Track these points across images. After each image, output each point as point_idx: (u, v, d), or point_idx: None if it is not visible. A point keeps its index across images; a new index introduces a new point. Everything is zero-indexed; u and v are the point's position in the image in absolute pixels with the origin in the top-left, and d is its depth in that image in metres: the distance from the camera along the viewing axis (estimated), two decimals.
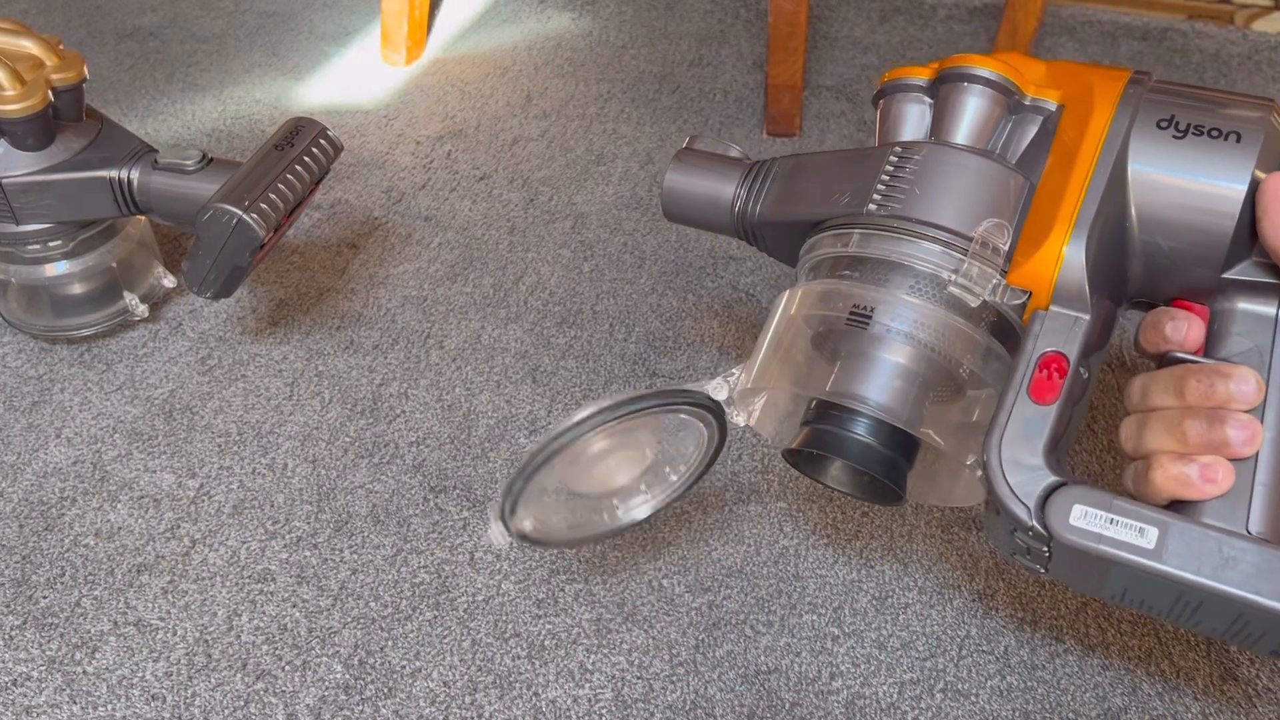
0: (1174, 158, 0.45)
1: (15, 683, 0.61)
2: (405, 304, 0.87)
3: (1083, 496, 0.41)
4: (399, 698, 0.61)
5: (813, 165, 0.55)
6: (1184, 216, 0.45)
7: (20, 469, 0.74)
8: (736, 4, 1.30)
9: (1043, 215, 0.46)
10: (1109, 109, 0.46)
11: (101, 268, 0.79)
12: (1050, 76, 0.51)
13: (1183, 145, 0.44)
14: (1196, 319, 0.45)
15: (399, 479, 0.73)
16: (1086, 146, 0.46)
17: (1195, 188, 0.45)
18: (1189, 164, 0.44)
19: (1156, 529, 0.40)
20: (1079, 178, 0.45)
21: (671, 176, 0.59)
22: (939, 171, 0.48)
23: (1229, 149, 0.44)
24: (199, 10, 1.30)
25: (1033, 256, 0.46)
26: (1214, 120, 0.45)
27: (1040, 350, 0.45)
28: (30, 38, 0.72)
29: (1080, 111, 0.47)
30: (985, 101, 0.50)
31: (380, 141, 1.07)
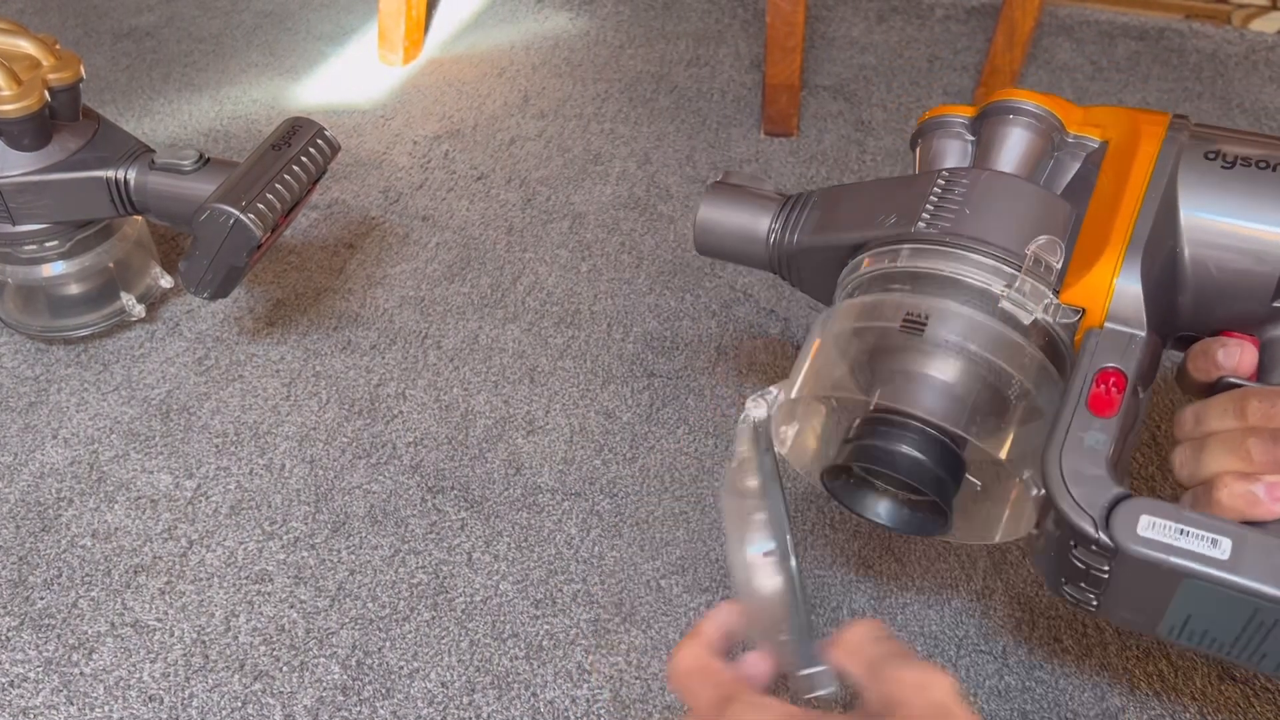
0: (1223, 188, 0.45)
1: (12, 684, 0.61)
2: (403, 304, 0.87)
3: (1150, 507, 0.40)
4: (397, 698, 0.61)
5: (854, 192, 0.55)
6: (1235, 244, 0.45)
7: (17, 470, 0.73)
8: (734, 4, 1.30)
9: (1093, 240, 0.46)
10: (1155, 142, 0.47)
11: (98, 268, 0.79)
12: (1089, 117, 0.52)
13: (1231, 175, 0.45)
14: (1249, 344, 0.46)
15: (396, 479, 0.73)
16: (1136, 175, 0.46)
17: (1245, 216, 0.45)
18: (1238, 193, 0.45)
19: (1231, 540, 0.38)
20: (1130, 203, 0.46)
21: (705, 210, 0.58)
22: (989, 193, 0.49)
23: (1277, 180, 0.45)
24: (196, 10, 1.30)
25: (1084, 277, 0.46)
26: (1260, 152, 0.45)
27: (1097, 365, 0.44)
28: (26, 37, 0.72)
29: (1125, 145, 0.48)
30: (1030, 134, 0.51)
31: (377, 141, 1.06)
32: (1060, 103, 0.52)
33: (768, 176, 1.02)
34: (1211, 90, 1.13)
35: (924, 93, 1.14)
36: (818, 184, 1.01)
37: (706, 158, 1.04)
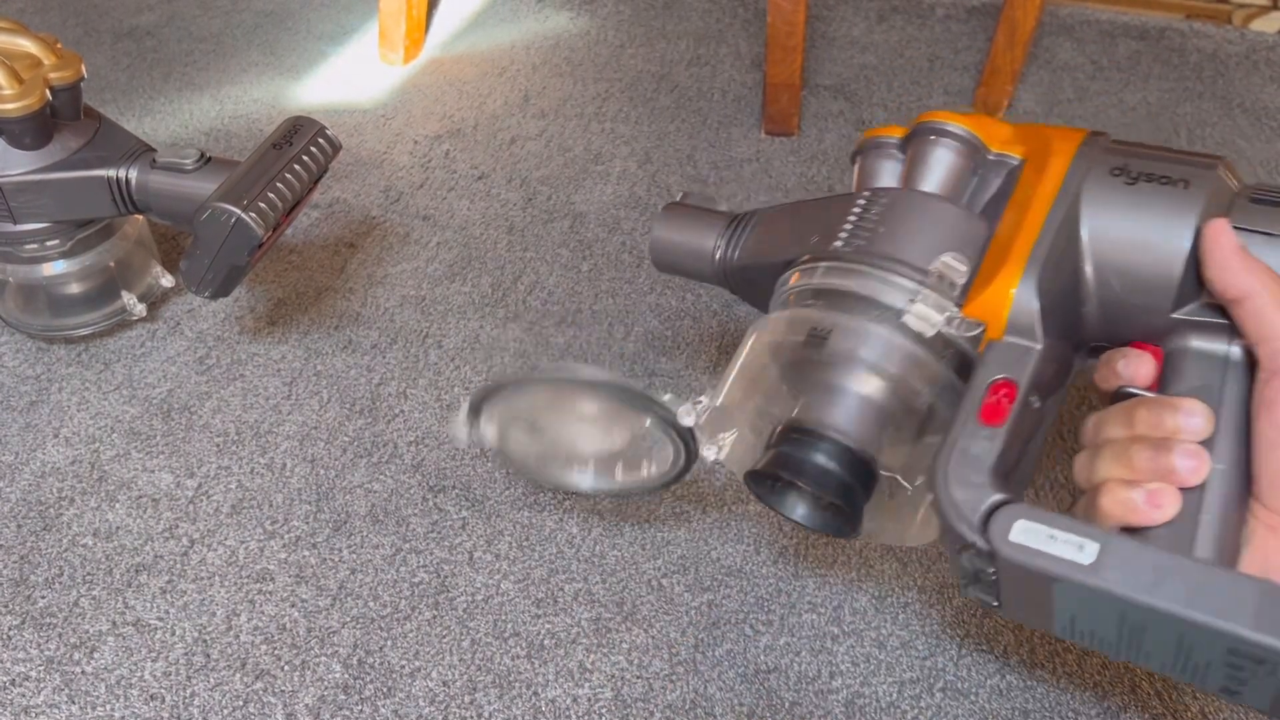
0: (1125, 203, 0.46)
1: (14, 682, 0.61)
2: (403, 303, 0.87)
3: (1025, 513, 0.41)
4: (398, 697, 0.61)
5: (790, 211, 0.57)
6: (1135, 258, 0.46)
7: (18, 469, 0.73)
8: (734, 3, 1.30)
9: (999, 255, 0.48)
10: (1066, 159, 0.48)
11: (99, 267, 0.79)
12: (1016, 135, 0.53)
13: (1134, 191, 0.46)
14: (1148, 356, 0.47)
15: (398, 478, 0.73)
16: (1043, 191, 0.48)
17: (1145, 230, 0.46)
18: (1139, 209, 0.46)
19: (1097, 544, 0.40)
20: (1035, 218, 0.47)
21: (658, 230, 0.62)
22: (903, 212, 0.51)
23: (1178, 194, 0.45)
24: (196, 9, 1.30)
25: (985, 291, 0.47)
26: (1165, 169, 0.46)
27: (991, 377, 0.46)
28: (28, 37, 0.72)
29: (1039, 162, 0.49)
30: (951, 154, 0.52)
31: (378, 141, 1.06)
32: (986, 122, 0.54)
33: (765, 175, 1.01)
34: (1212, 90, 1.13)
35: (925, 92, 1.14)
36: (819, 183, 1.01)
37: (707, 157, 1.04)
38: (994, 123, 0.54)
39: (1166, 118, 1.09)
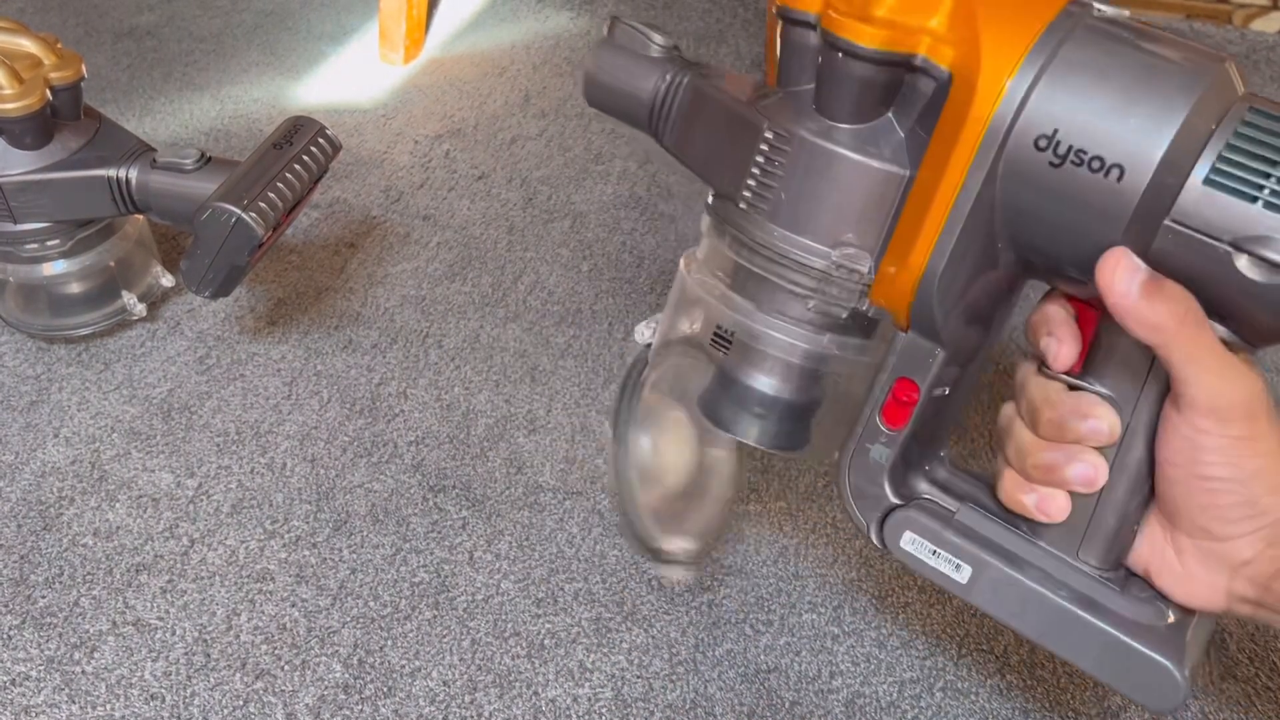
0: (1046, 191, 0.39)
1: (14, 682, 0.61)
2: (404, 303, 0.87)
3: (915, 524, 0.44)
4: (398, 697, 0.61)
5: (706, 113, 0.49)
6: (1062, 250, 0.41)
7: (18, 468, 0.73)
8: (734, 3, 1.30)
9: (910, 227, 0.42)
10: (989, 104, 0.38)
11: (99, 267, 0.79)
12: (952, 19, 0.40)
13: (1058, 176, 0.38)
14: (1071, 340, 0.42)
15: (398, 478, 0.73)
16: (955, 162, 0.40)
17: (1070, 227, 0.39)
18: (1061, 202, 0.39)
19: (971, 568, 0.43)
20: (942, 203, 0.40)
21: (591, 67, 0.54)
22: (806, 176, 0.44)
23: (1105, 190, 0.37)
24: (196, 9, 1.30)
25: (891, 276, 0.43)
26: (1101, 141, 0.37)
27: (895, 375, 0.44)
28: (28, 36, 0.72)
29: (962, 97, 0.39)
30: (860, 76, 0.42)
31: (378, 141, 1.06)
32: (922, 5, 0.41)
33: None
34: None
35: None
36: None
37: None
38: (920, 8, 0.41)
39: None
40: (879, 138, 0.43)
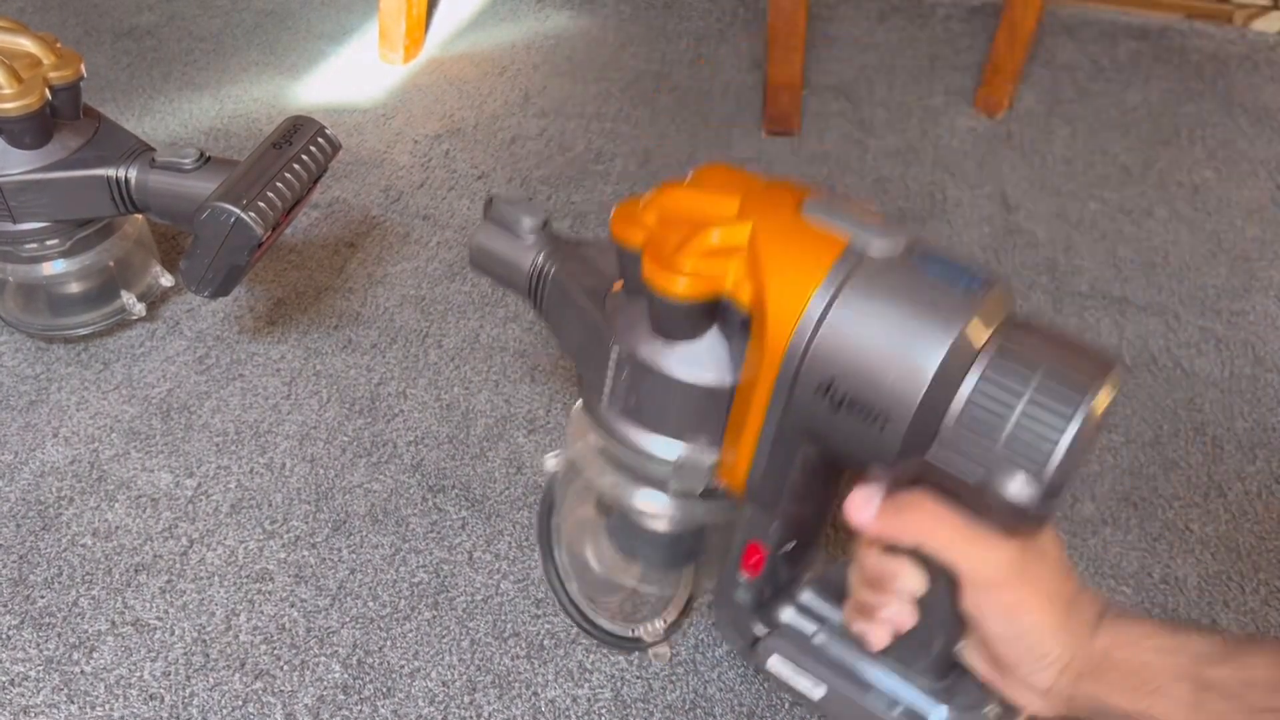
0: (830, 426, 0.45)
1: (13, 682, 0.61)
2: (403, 303, 0.87)
3: (779, 649, 0.52)
4: (398, 697, 0.61)
5: (569, 312, 0.56)
6: (850, 461, 0.47)
7: (17, 468, 0.73)
8: (735, 3, 1.30)
9: (736, 425, 0.48)
10: (778, 351, 0.45)
11: (99, 266, 0.79)
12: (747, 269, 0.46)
13: (837, 418, 0.44)
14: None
15: (397, 478, 0.73)
16: (761, 385, 0.46)
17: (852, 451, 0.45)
18: (843, 436, 0.45)
19: (825, 687, 0.51)
20: (756, 412, 0.47)
21: (474, 244, 0.60)
22: (652, 389, 0.50)
23: (874, 434, 0.43)
24: (196, 9, 1.30)
25: (729, 463, 0.50)
26: (867, 395, 0.43)
27: (745, 538, 0.51)
28: (27, 36, 0.72)
29: (760, 333, 0.45)
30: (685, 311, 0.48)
31: (378, 140, 1.06)
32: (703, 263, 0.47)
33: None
34: (1213, 90, 1.13)
35: (925, 92, 1.14)
36: (819, 183, 1.01)
37: (708, 156, 1.04)
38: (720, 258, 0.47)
39: (1167, 117, 1.09)
40: (705, 356, 0.49)
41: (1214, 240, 0.94)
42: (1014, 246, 0.93)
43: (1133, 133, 1.07)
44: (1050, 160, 1.04)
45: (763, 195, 0.48)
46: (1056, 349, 0.42)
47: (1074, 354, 0.42)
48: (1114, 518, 0.70)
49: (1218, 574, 0.66)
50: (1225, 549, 0.68)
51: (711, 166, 0.51)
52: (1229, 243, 0.94)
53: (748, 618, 0.54)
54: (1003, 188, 1.00)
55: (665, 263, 0.46)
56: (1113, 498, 0.71)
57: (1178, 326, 0.85)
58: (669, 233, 0.47)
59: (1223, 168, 1.03)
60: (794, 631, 0.53)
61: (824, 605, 0.54)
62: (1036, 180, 1.01)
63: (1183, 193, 0.99)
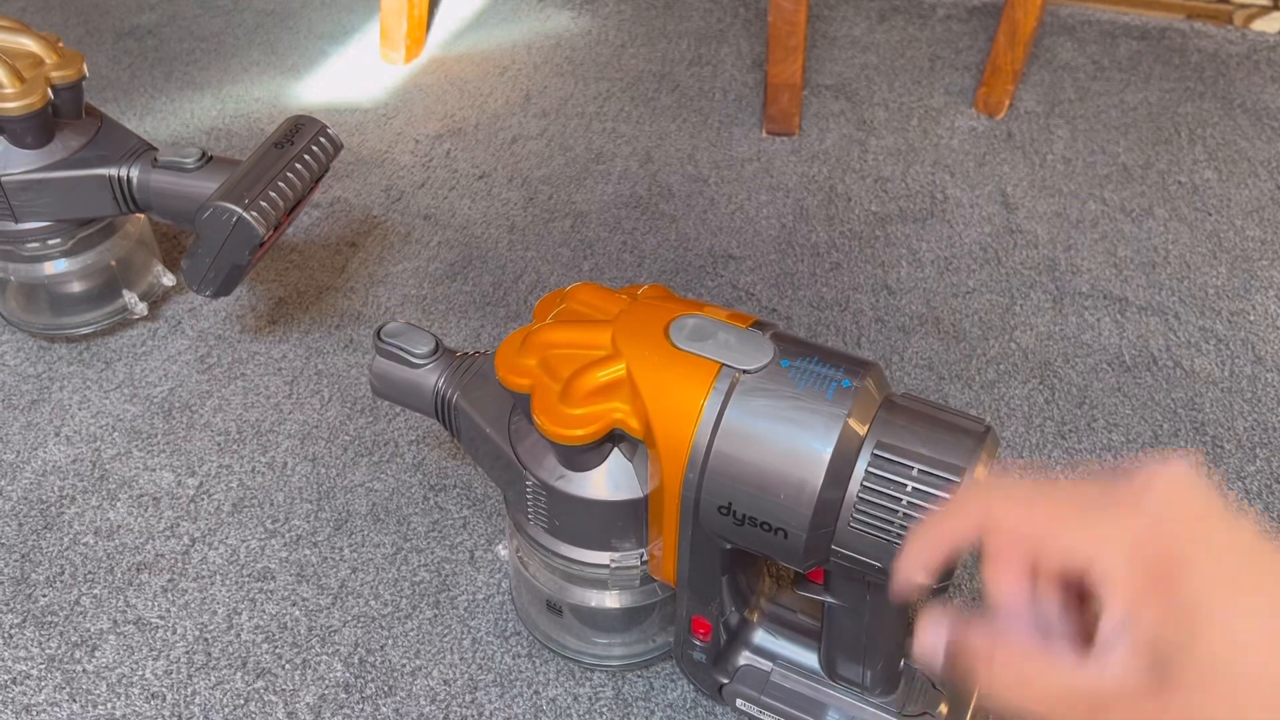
0: (739, 536, 0.48)
1: (15, 681, 0.61)
2: (405, 302, 0.87)
3: (741, 694, 0.56)
4: (399, 696, 0.61)
5: (479, 442, 0.57)
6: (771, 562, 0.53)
7: (19, 467, 0.73)
8: (736, 3, 1.30)
9: (657, 527, 0.51)
10: (676, 480, 0.48)
11: (100, 266, 0.79)
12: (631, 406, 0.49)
13: (743, 531, 0.47)
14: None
15: (399, 477, 0.73)
16: (669, 504, 0.49)
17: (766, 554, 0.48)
18: (753, 543, 0.48)
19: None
20: (670, 523, 0.50)
21: (372, 378, 0.60)
22: (573, 512, 0.53)
23: (779, 541, 0.47)
24: (198, 9, 1.30)
25: (656, 561, 0.53)
26: (763, 512, 0.46)
27: (688, 614, 0.55)
28: (29, 36, 0.72)
29: (655, 463, 0.48)
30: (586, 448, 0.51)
31: (379, 140, 1.06)
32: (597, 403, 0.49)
33: (766, 175, 1.01)
34: (1213, 90, 1.13)
35: (925, 92, 1.14)
36: (819, 183, 1.01)
37: (708, 157, 1.04)
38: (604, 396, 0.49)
39: (1167, 117, 1.09)
40: (614, 475, 0.52)
41: (1214, 240, 0.94)
42: (1014, 246, 0.93)
43: (1133, 133, 1.07)
44: (1050, 160, 1.04)
45: (632, 324, 0.50)
46: (930, 430, 0.44)
47: (947, 431, 0.44)
48: None
49: None
50: None
51: (582, 287, 0.54)
52: (1229, 243, 0.94)
53: (708, 673, 0.57)
54: (1003, 188, 1.00)
55: (554, 415, 0.48)
56: None
57: (1178, 326, 0.85)
58: (550, 379, 0.50)
59: (1223, 168, 1.03)
60: (753, 673, 0.57)
61: (775, 642, 0.58)
62: (1036, 180, 1.01)
63: (1183, 193, 1.00)
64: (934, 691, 0.54)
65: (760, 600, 0.59)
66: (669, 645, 0.61)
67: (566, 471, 0.52)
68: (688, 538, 0.50)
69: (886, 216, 0.97)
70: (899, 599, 0.43)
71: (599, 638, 0.61)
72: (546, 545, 0.56)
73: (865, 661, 0.53)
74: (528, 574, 0.60)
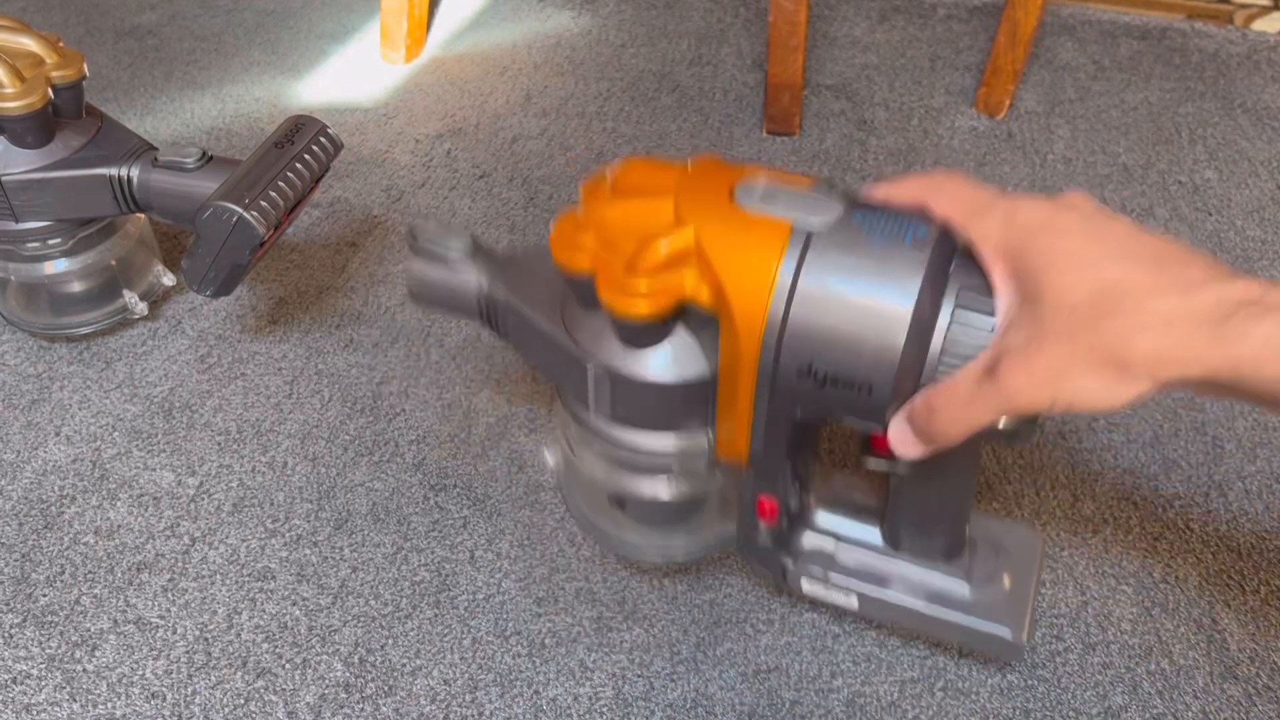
0: (819, 400, 0.47)
1: (15, 680, 0.61)
2: (405, 302, 0.87)
3: (807, 572, 0.57)
4: (399, 696, 0.61)
5: (532, 335, 0.55)
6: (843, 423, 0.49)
7: (20, 467, 0.73)
8: (736, 3, 1.30)
9: (727, 406, 0.50)
10: (753, 344, 0.46)
11: (101, 266, 0.79)
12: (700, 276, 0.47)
13: (825, 393, 0.46)
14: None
15: (399, 477, 0.73)
16: (744, 376, 0.48)
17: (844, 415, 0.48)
18: (833, 406, 0.47)
19: (856, 595, 0.57)
20: (745, 398, 0.49)
21: (410, 280, 0.59)
22: (634, 395, 0.52)
23: (863, 400, 0.46)
24: (198, 8, 1.30)
25: (727, 440, 0.52)
26: (848, 370, 0.45)
27: (754, 495, 0.55)
28: (30, 35, 0.72)
29: (730, 329, 0.47)
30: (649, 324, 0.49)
31: (380, 140, 1.06)
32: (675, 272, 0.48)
33: None
34: (1213, 90, 1.13)
35: (926, 92, 1.14)
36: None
37: None
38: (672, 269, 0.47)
39: (1168, 118, 1.09)
40: (679, 353, 0.50)
41: (1214, 240, 0.94)
42: None
43: (1133, 133, 1.07)
44: (1051, 160, 1.04)
45: (694, 191, 0.48)
46: None
47: None
48: (1114, 517, 0.70)
49: (1218, 573, 0.67)
50: (1225, 549, 0.68)
51: (629, 162, 0.51)
52: (1229, 243, 0.94)
53: (773, 556, 0.57)
54: (1003, 187, 1.00)
55: (621, 287, 0.46)
56: (1113, 497, 0.71)
57: None
58: (613, 253, 0.47)
59: (1223, 168, 1.03)
60: (817, 553, 0.57)
61: (837, 520, 0.58)
62: (1037, 180, 1.01)
63: (1183, 193, 1.00)
64: (998, 558, 0.56)
65: (817, 483, 0.58)
66: (727, 535, 0.59)
67: (630, 351, 0.50)
68: (764, 409, 0.48)
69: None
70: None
71: (660, 530, 0.60)
72: (610, 434, 0.54)
73: (933, 529, 0.54)
74: (585, 471, 0.58)
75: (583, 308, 0.51)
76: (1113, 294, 0.38)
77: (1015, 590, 0.55)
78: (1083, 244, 0.40)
